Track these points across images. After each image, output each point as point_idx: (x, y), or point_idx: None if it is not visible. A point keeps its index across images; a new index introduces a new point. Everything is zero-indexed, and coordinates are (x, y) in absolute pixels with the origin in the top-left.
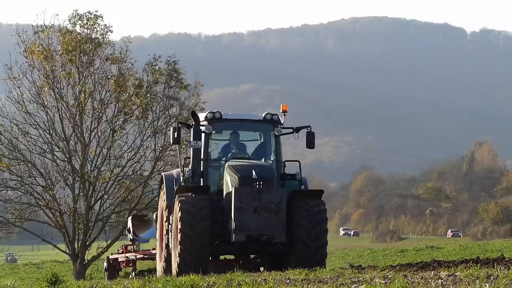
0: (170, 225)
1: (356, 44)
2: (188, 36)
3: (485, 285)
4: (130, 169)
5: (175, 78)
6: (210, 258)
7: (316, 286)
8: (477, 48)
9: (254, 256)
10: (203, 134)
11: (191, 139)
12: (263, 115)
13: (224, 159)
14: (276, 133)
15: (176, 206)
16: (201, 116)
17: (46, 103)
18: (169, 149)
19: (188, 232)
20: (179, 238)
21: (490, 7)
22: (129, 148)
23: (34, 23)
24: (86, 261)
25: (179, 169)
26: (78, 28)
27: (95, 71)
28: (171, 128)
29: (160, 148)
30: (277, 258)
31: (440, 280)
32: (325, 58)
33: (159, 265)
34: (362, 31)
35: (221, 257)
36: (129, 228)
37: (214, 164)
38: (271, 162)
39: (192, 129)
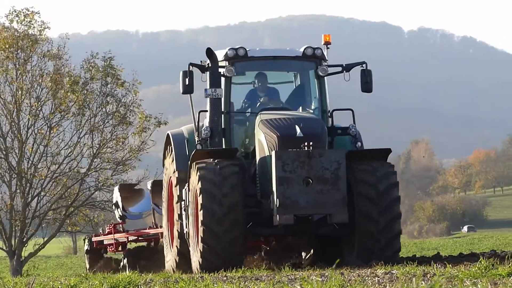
0: (184, 202)
1: (293, 42)
2: (125, 33)
3: (422, 283)
4: (67, 166)
5: (112, 75)
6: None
7: (253, 283)
8: (414, 46)
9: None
10: (222, 79)
11: (208, 86)
12: (302, 49)
13: (249, 110)
14: (320, 73)
15: (194, 177)
16: (219, 54)
17: None
18: (105, 146)
19: (214, 214)
20: (200, 223)
21: (428, 6)
22: (65, 145)
23: None
24: (23, 258)
25: (192, 124)
26: (15, 25)
27: (32, 68)
28: (181, 73)
29: (97, 145)
30: (330, 241)
31: (376, 278)
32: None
33: (170, 256)
34: (300, 29)
35: None
36: (117, 202)
37: (238, 118)
38: (312, 111)
39: (208, 72)
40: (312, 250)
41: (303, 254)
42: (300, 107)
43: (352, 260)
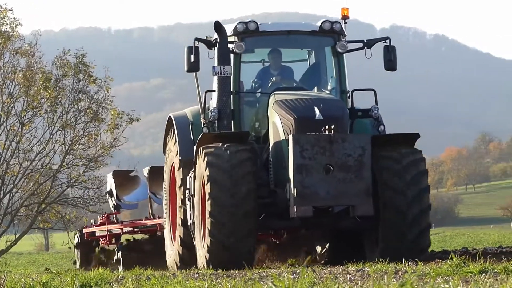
0: (188, 191)
1: None
2: (98, 30)
3: (393, 280)
4: (39, 162)
5: (84, 72)
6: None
7: (224, 280)
8: None
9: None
10: (232, 56)
11: (215, 64)
12: (319, 23)
13: (260, 90)
14: (339, 49)
15: (201, 163)
16: (227, 29)
17: None
18: (78, 143)
19: (224, 204)
20: (208, 214)
21: (400, 3)
22: (38, 141)
23: None
24: None
25: (196, 107)
26: None
27: (4, 65)
28: (185, 49)
29: (70, 142)
30: (349, 235)
31: (348, 275)
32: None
33: (172, 250)
34: None
35: None
36: (111, 190)
37: (249, 99)
38: (328, 92)
39: (216, 48)
40: (328, 245)
41: (318, 248)
42: (315, 87)
43: (375, 256)
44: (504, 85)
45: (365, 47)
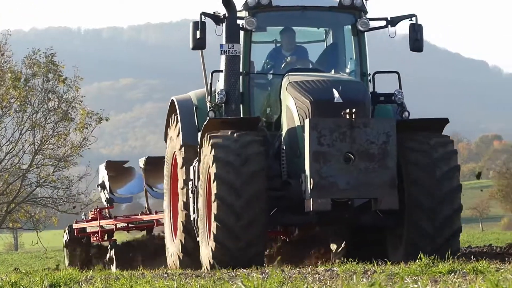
0: (192, 182)
1: None
2: (67, 29)
3: (363, 280)
4: (9, 162)
5: (53, 71)
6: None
7: (193, 280)
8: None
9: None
10: (242, 33)
11: (223, 41)
12: None
13: (272, 71)
14: (361, 27)
15: (207, 152)
16: (237, 3)
17: None
18: (47, 142)
19: (231, 207)
20: (214, 210)
21: (368, 2)
22: (7, 141)
23: None
24: None
25: (201, 90)
26: None
27: None
28: (191, 24)
29: (39, 142)
30: (369, 232)
31: (317, 275)
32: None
33: (172, 248)
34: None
35: None
36: (103, 182)
37: (260, 81)
38: (347, 74)
39: (224, 24)
40: (344, 242)
41: (333, 246)
42: (333, 70)
43: (398, 255)
44: (473, 85)
45: (389, 26)
